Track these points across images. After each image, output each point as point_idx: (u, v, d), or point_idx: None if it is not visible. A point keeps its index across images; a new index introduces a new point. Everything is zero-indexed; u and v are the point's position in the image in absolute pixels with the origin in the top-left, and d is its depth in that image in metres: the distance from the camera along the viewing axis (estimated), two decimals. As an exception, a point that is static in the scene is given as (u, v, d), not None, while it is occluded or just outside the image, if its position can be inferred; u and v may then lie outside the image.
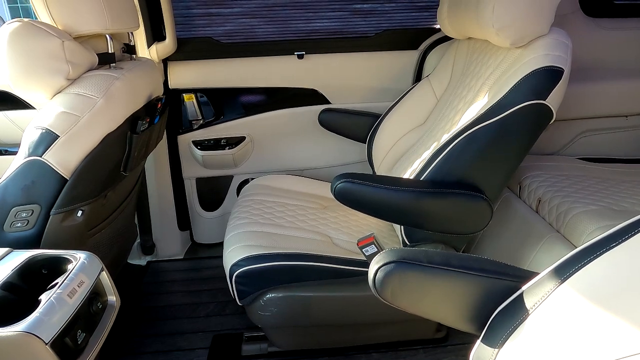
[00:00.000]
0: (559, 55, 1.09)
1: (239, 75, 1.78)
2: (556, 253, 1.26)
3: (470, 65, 1.43)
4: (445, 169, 1.15)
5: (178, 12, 1.69)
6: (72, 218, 1.12)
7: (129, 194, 1.47)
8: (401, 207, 1.12)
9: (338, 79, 1.83)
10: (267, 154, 1.94)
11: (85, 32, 1.11)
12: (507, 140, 1.11)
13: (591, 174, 1.55)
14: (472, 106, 1.27)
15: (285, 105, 1.87)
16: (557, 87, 1.08)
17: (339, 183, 1.11)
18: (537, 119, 1.10)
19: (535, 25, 1.12)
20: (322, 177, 2.00)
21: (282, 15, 1.74)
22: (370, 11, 1.77)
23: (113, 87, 1.11)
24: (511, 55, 1.21)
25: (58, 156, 1.03)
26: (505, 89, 1.13)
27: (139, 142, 1.24)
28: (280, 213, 1.50)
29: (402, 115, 1.61)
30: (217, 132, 1.87)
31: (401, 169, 1.49)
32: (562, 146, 1.80)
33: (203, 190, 2.01)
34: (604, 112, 1.74)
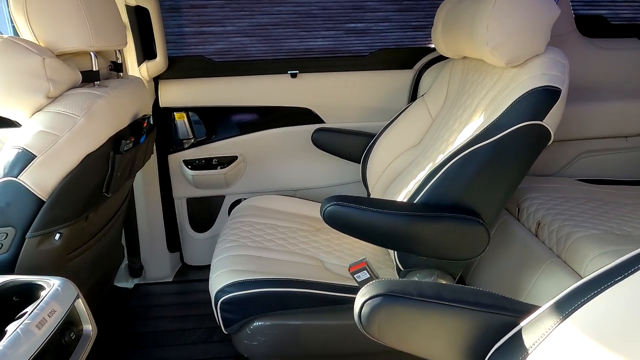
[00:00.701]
0: (556, 74, 1.06)
1: (231, 94, 1.76)
2: (557, 279, 1.21)
3: (466, 84, 1.40)
4: (439, 192, 1.10)
5: (170, 30, 1.67)
6: (50, 241, 1.07)
7: (113, 215, 1.42)
8: (393, 232, 1.07)
9: (332, 98, 1.80)
10: (259, 173, 1.90)
11: (68, 49, 1.08)
12: (504, 162, 1.06)
13: (591, 196, 1.51)
14: (468, 126, 1.23)
15: (278, 125, 1.84)
16: (555, 107, 1.04)
17: (329, 206, 1.06)
18: (535, 140, 1.06)
19: (531, 44, 1.09)
20: (315, 198, 1.95)
21: (275, 34, 1.72)
22: (364, 31, 1.76)
23: (95, 105, 1.07)
24: (507, 75, 1.18)
25: (34, 177, 0.98)
26: (501, 109, 1.09)
27: (122, 162, 1.19)
28: (270, 235, 1.44)
29: (396, 135, 1.57)
30: (208, 152, 1.83)
31: (396, 190, 1.44)
32: (562, 167, 1.76)
33: (194, 210, 1.96)
34: (603, 133, 1.71)
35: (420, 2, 1.73)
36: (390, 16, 1.75)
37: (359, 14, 1.73)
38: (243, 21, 1.69)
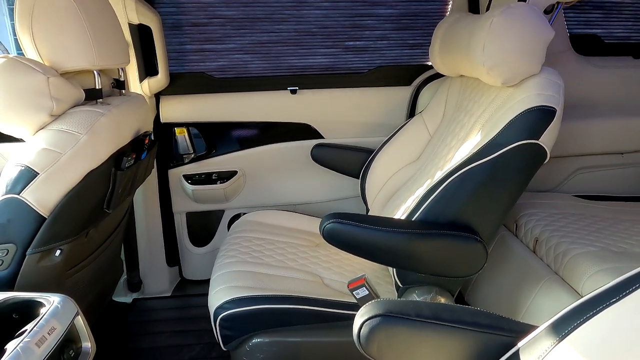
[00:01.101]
0: (551, 94, 1.08)
1: (231, 110, 1.78)
2: (555, 297, 1.21)
3: (463, 102, 1.42)
4: (437, 209, 1.11)
5: (172, 47, 1.70)
6: (50, 258, 1.07)
7: (113, 230, 1.43)
8: (392, 249, 1.07)
9: (331, 114, 1.82)
10: (259, 188, 1.91)
11: (71, 68, 1.10)
12: (501, 180, 1.08)
13: (588, 213, 1.52)
14: (465, 144, 1.25)
15: (278, 140, 1.86)
16: (551, 126, 1.06)
17: (328, 223, 1.07)
18: (531, 158, 1.08)
19: (527, 65, 1.11)
20: (314, 213, 1.96)
21: (275, 51, 1.75)
22: (363, 48, 1.78)
23: (98, 123, 1.09)
24: (503, 94, 1.20)
25: (36, 194, 0.99)
26: (497, 127, 1.11)
27: (123, 179, 1.20)
28: (269, 251, 1.45)
29: (395, 151, 1.59)
30: (208, 166, 1.84)
31: (394, 206, 1.45)
32: (558, 183, 1.77)
33: (193, 225, 1.97)
34: (599, 149, 1.73)
35: (417, 22, 1.76)
36: (388, 34, 1.78)
37: (358, 32, 1.76)
38: (244, 39, 1.71)
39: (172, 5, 1.63)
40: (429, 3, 1.73)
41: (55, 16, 1.05)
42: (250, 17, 1.68)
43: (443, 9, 1.75)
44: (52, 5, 1.05)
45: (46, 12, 1.05)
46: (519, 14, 1.08)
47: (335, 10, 1.71)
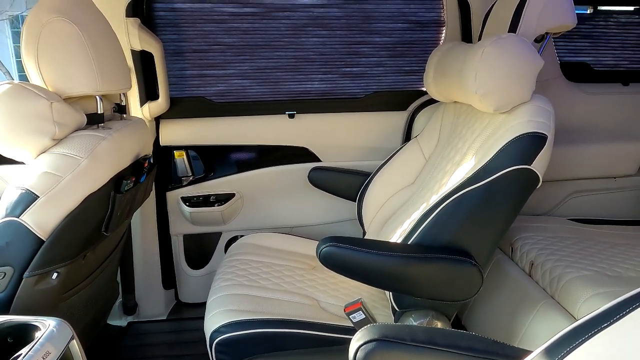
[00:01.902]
0: (542, 121, 1.11)
1: (230, 133, 1.80)
2: (551, 321, 1.22)
3: (457, 127, 1.45)
4: (433, 233, 1.13)
5: (173, 72, 1.74)
6: (47, 281, 1.07)
7: (110, 253, 1.43)
8: (388, 273, 1.08)
9: (329, 138, 1.85)
10: (256, 211, 1.92)
11: (75, 94, 1.12)
12: (494, 205, 1.10)
13: (583, 236, 1.54)
14: (459, 169, 1.27)
15: (275, 163, 1.88)
16: (542, 152, 1.09)
17: (325, 247, 1.08)
18: (524, 183, 1.10)
19: (517, 93, 1.14)
20: (312, 235, 1.96)
21: (274, 76, 1.79)
22: (360, 74, 1.83)
23: (99, 147, 1.11)
24: (495, 120, 1.23)
25: (36, 217, 1.00)
26: (490, 153, 1.13)
27: (122, 202, 1.22)
28: (266, 274, 1.45)
29: (391, 175, 1.61)
30: (206, 189, 1.86)
31: (391, 229, 1.47)
32: (553, 207, 1.80)
33: (190, 247, 1.97)
34: (592, 174, 1.76)
35: (412, 49, 1.81)
36: (384, 61, 1.82)
37: (354, 59, 1.80)
38: (243, 65, 1.76)
39: (175, 32, 1.67)
40: (423, 32, 1.79)
41: (61, 43, 1.08)
42: (250, 44, 1.73)
43: (437, 37, 1.80)
44: (58, 32, 1.08)
45: (52, 39, 1.08)
46: (509, 44, 1.12)
47: (333, 38, 1.76)
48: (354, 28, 1.75)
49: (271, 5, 1.68)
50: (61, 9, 1.09)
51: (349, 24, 1.74)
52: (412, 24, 1.78)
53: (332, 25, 1.74)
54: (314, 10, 1.71)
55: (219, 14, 1.67)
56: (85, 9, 1.15)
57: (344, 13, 1.72)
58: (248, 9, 1.68)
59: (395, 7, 1.74)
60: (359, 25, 1.75)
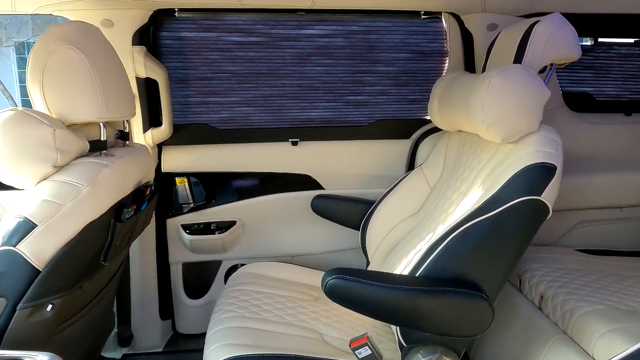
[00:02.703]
0: (550, 152, 1.10)
1: (233, 161, 1.79)
2: (565, 357, 1.17)
3: (462, 157, 1.44)
4: (441, 265, 1.09)
5: (177, 99, 1.74)
6: (41, 313, 1.03)
7: (108, 282, 1.39)
8: (396, 306, 1.05)
9: (332, 165, 1.84)
10: (258, 239, 1.89)
11: (79, 120, 1.11)
12: (504, 236, 1.07)
13: (592, 268, 1.50)
14: (466, 199, 1.25)
15: (278, 190, 1.86)
16: (551, 183, 1.07)
17: (330, 279, 1.05)
18: (533, 214, 1.08)
19: (525, 123, 1.14)
20: (314, 264, 1.93)
21: (278, 104, 1.79)
22: (363, 102, 1.83)
23: (101, 174, 1.09)
24: (503, 150, 1.22)
25: (33, 246, 0.97)
26: (498, 183, 1.12)
27: (122, 231, 1.19)
28: (268, 305, 1.41)
29: (395, 203, 1.59)
30: (207, 216, 1.83)
31: (396, 259, 1.43)
32: (560, 237, 1.77)
33: (189, 275, 1.92)
34: (598, 204, 1.74)
35: (415, 78, 1.83)
36: (387, 90, 1.83)
37: (358, 87, 1.81)
38: (247, 92, 1.76)
39: (180, 60, 1.69)
40: (427, 62, 1.81)
41: (67, 70, 1.08)
42: (255, 73, 1.74)
43: (440, 67, 1.82)
44: (64, 59, 1.08)
45: (58, 66, 1.08)
46: (516, 75, 1.13)
47: (337, 67, 1.77)
48: (357, 57, 1.77)
49: (276, 35, 1.70)
50: (69, 37, 1.09)
51: (353, 53, 1.76)
52: (416, 54, 1.79)
53: (336, 54, 1.75)
54: (318, 39, 1.73)
55: (225, 43, 1.68)
56: (93, 38, 1.16)
57: (348, 43, 1.74)
58: (253, 38, 1.69)
59: (398, 37, 1.76)
60: (363, 55, 1.77)
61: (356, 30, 1.73)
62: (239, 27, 1.67)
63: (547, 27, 1.20)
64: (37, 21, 10.09)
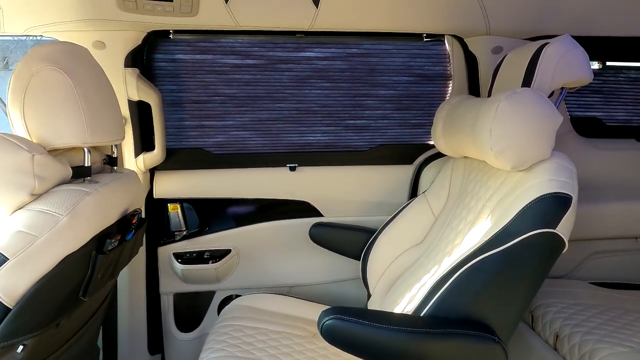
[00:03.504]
0: (564, 181, 1.02)
1: (228, 186, 1.72)
2: (585, 407, 1.07)
3: (469, 184, 1.36)
4: (448, 304, 1.00)
5: (171, 123, 1.68)
6: (11, 355, 0.94)
7: (90, 317, 1.29)
8: (400, 350, 0.95)
9: (331, 192, 1.77)
10: (253, 268, 1.80)
11: (60, 145, 1.05)
12: (517, 272, 0.98)
13: (609, 304, 1.40)
14: (474, 230, 1.17)
15: (275, 218, 1.78)
16: (567, 214, 0.99)
17: (327, 320, 0.96)
18: (548, 248, 0.99)
19: (536, 150, 1.06)
20: (312, 295, 1.83)
21: (275, 128, 1.73)
22: (364, 127, 1.77)
23: (82, 203, 1.01)
24: (512, 178, 1.14)
25: (3, 282, 0.89)
26: (509, 214, 1.04)
27: (104, 263, 1.10)
28: (261, 343, 1.31)
29: (398, 232, 1.50)
30: (201, 244, 1.74)
31: (399, 293, 1.34)
32: (572, 268, 1.67)
33: (180, 307, 1.82)
34: (611, 234, 1.65)
35: (418, 102, 1.77)
36: (389, 114, 1.77)
37: (359, 111, 1.76)
38: (244, 116, 1.70)
39: (174, 83, 1.64)
40: (430, 85, 1.75)
41: (50, 93, 1.02)
42: (251, 96, 1.68)
43: (443, 90, 1.76)
44: (47, 81, 1.02)
45: (40, 88, 1.02)
46: (525, 99, 1.06)
47: (336, 90, 1.72)
48: (358, 81, 1.72)
49: (274, 57, 1.66)
50: (53, 58, 1.04)
51: (353, 76, 1.71)
52: (418, 77, 1.74)
53: (335, 77, 1.70)
54: (317, 62, 1.68)
55: (221, 66, 1.63)
56: (79, 59, 1.10)
57: (348, 65, 1.69)
58: (250, 60, 1.65)
59: (400, 60, 1.71)
60: (363, 78, 1.72)
61: (356, 53, 1.68)
62: (236, 50, 1.63)
63: (557, 49, 1.14)
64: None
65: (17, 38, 5.75)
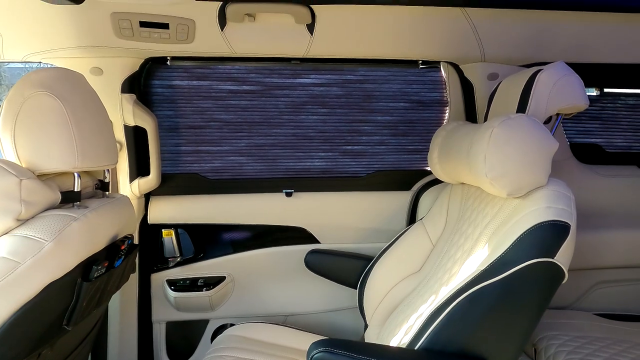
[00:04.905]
0: (562, 208, 0.99)
1: (223, 212, 1.70)
2: None
3: (466, 211, 1.34)
4: (444, 336, 0.96)
5: (167, 148, 1.68)
6: (-13, 388, 0.90)
7: (76, 347, 1.25)
8: (392, 386, 0.91)
9: (328, 218, 1.74)
10: (248, 296, 1.75)
11: (50, 170, 1.04)
12: (515, 303, 0.94)
13: (616, 337, 1.35)
14: (471, 258, 1.13)
15: (271, 244, 1.75)
16: (566, 243, 0.96)
17: (316, 353, 0.92)
18: (547, 278, 0.95)
19: (532, 177, 1.04)
20: (309, 325, 1.78)
21: (272, 154, 1.72)
22: (361, 152, 1.76)
23: (68, 229, 0.99)
24: (509, 205, 1.12)
25: (-18, 310, 0.86)
26: (506, 242, 1.01)
27: (90, 291, 1.08)
28: (252, 376, 1.26)
29: (395, 261, 1.47)
30: (195, 271, 1.71)
31: (396, 324, 1.29)
32: (576, 299, 1.62)
33: (173, 336, 1.77)
34: (616, 263, 1.60)
35: (415, 128, 1.76)
36: (386, 140, 1.77)
37: (355, 137, 1.75)
38: (240, 141, 1.70)
39: (171, 109, 1.64)
40: (426, 111, 1.75)
41: (41, 118, 1.02)
42: (248, 121, 1.69)
43: (440, 117, 1.76)
44: (39, 106, 1.02)
45: (32, 113, 1.02)
46: (520, 125, 1.05)
47: (333, 116, 1.72)
48: (354, 106, 1.72)
49: (270, 84, 1.67)
50: (46, 84, 1.04)
51: (349, 102, 1.71)
52: (415, 103, 1.74)
53: (332, 103, 1.71)
54: (313, 88, 1.69)
55: (217, 92, 1.64)
56: (73, 84, 1.11)
57: (344, 92, 1.70)
58: (246, 86, 1.66)
59: (396, 86, 1.72)
60: (360, 104, 1.72)
61: (352, 80, 1.69)
62: (232, 76, 1.64)
63: (551, 75, 1.14)
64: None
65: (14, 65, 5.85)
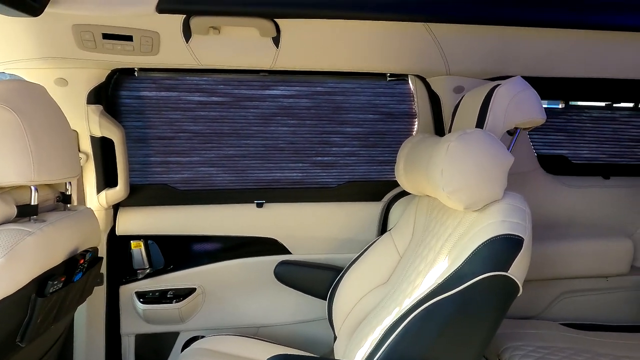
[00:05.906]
0: (516, 222, 1.01)
1: (194, 223, 1.69)
2: None
3: (431, 223, 1.35)
4: (400, 350, 0.97)
5: (135, 159, 1.66)
6: None
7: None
8: (346, 402, 0.90)
9: (300, 229, 1.74)
10: (219, 308, 1.74)
11: (3, 184, 1.02)
12: (469, 317, 0.95)
13: (580, 347, 1.36)
14: (432, 270, 1.14)
15: (242, 255, 1.74)
16: (519, 257, 0.97)
17: (270, 369, 0.91)
18: (501, 292, 0.97)
19: (487, 191, 1.06)
20: (279, 336, 1.77)
21: (242, 164, 1.72)
22: (331, 164, 1.77)
23: (22, 243, 0.98)
24: (468, 218, 1.13)
25: None
26: (463, 255, 1.02)
27: (45, 306, 1.06)
28: (216, 390, 1.24)
29: (363, 272, 1.47)
30: (165, 282, 1.69)
31: (362, 336, 1.29)
32: (542, 309, 1.64)
33: (142, 349, 1.75)
34: (581, 273, 1.63)
35: (385, 139, 1.78)
36: (356, 151, 1.78)
37: (326, 148, 1.76)
38: (210, 152, 1.70)
39: (139, 120, 1.63)
40: (395, 123, 1.77)
41: None
42: (217, 132, 1.68)
43: (410, 128, 1.78)
44: None
45: None
46: (475, 140, 1.06)
47: (303, 127, 1.73)
48: (324, 118, 1.73)
49: (239, 95, 1.67)
50: (2, 96, 1.03)
51: (319, 114, 1.72)
52: (384, 115, 1.76)
53: (301, 115, 1.71)
54: (282, 100, 1.69)
55: (186, 103, 1.64)
56: (32, 97, 1.09)
57: (313, 103, 1.71)
58: (215, 98, 1.66)
59: (365, 98, 1.73)
60: (329, 116, 1.73)
61: (321, 91, 1.70)
62: (201, 87, 1.64)
63: (508, 90, 1.16)
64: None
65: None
